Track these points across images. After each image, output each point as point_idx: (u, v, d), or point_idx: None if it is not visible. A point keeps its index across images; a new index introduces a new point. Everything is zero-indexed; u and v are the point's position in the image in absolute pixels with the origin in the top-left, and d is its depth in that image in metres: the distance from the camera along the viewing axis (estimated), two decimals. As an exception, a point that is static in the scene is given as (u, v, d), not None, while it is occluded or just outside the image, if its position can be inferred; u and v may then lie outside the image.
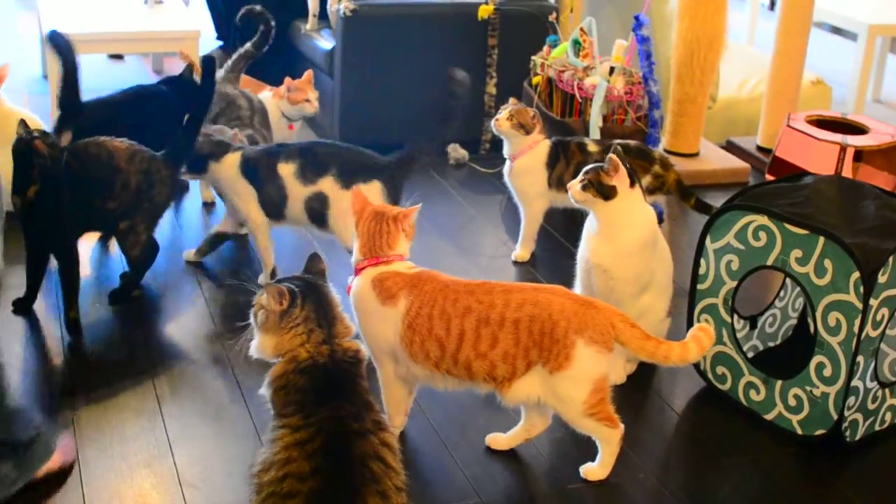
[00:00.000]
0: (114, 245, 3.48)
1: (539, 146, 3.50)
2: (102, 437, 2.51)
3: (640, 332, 2.32)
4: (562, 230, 3.80)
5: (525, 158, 3.50)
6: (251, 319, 2.12)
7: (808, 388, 2.59)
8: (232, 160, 3.19)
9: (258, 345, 2.09)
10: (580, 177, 2.74)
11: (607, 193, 2.69)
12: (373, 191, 3.09)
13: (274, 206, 3.20)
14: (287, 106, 4.05)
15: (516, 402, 2.39)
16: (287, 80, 4.09)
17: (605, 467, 2.44)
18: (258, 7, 4.18)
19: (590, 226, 2.78)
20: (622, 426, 2.39)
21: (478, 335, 2.31)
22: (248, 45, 4.16)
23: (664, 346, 2.32)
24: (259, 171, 3.18)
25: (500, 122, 3.46)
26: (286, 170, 3.15)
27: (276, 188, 3.17)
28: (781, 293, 3.00)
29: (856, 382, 2.52)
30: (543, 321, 2.29)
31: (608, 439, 2.41)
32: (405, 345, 2.36)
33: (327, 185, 3.13)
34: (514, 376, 2.33)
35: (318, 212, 3.17)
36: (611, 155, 2.70)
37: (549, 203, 3.57)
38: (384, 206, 2.47)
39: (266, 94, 4.09)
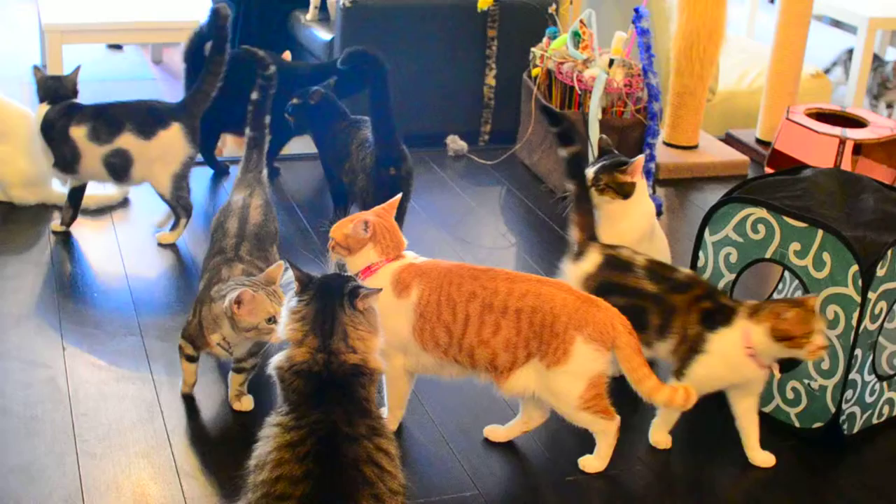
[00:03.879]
0: (110, 235, 3.49)
1: None
2: (100, 428, 2.51)
3: (636, 343, 2.32)
4: (560, 221, 3.80)
5: None
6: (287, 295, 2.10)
7: (805, 381, 2.59)
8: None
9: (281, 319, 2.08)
10: (588, 181, 2.73)
11: (628, 191, 2.69)
12: (174, 133, 3.37)
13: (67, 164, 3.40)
14: None
15: (512, 393, 2.39)
16: None
17: (602, 459, 2.44)
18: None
19: (588, 218, 2.78)
20: (618, 417, 2.39)
21: (482, 321, 2.32)
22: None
23: (650, 377, 2.32)
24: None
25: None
26: (78, 132, 3.36)
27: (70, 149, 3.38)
28: (780, 286, 3.00)
29: (854, 375, 2.52)
30: (545, 314, 2.30)
31: (605, 431, 2.41)
32: (417, 334, 2.36)
33: (128, 141, 3.35)
34: (515, 366, 2.33)
35: (119, 167, 3.38)
36: (637, 159, 2.71)
37: None
38: (374, 210, 2.46)
39: None
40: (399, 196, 2.50)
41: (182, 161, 3.42)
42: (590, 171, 2.73)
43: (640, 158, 2.68)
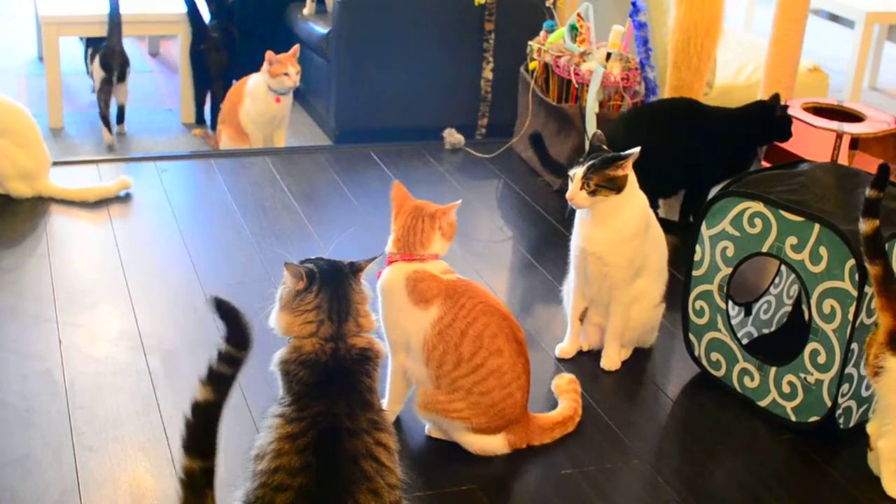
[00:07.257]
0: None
1: None
2: (96, 421, 2.51)
3: (556, 436, 2.50)
4: (556, 215, 3.81)
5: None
6: (278, 291, 2.09)
7: (802, 375, 2.59)
8: None
9: (274, 317, 2.06)
10: (578, 184, 2.65)
11: (621, 185, 2.65)
12: None
13: None
14: (269, 79, 4.33)
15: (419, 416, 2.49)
16: (268, 53, 4.28)
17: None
18: None
19: (582, 213, 2.76)
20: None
21: (485, 377, 2.36)
22: None
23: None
24: None
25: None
26: None
27: None
28: (776, 280, 3.00)
29: (850, 370, 2.53)
30: (516, 407, 2.42)
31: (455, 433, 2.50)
32: (427, 348, 2.37)
33: None
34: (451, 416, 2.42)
35: None
36: (634, 151, 2.64)
37: None
38: (423, 202, 2.44)
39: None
40: (458, 203, 2.45)
41: None
42: (578, 173, 2.66)
43: (636, 151, 2.65)
